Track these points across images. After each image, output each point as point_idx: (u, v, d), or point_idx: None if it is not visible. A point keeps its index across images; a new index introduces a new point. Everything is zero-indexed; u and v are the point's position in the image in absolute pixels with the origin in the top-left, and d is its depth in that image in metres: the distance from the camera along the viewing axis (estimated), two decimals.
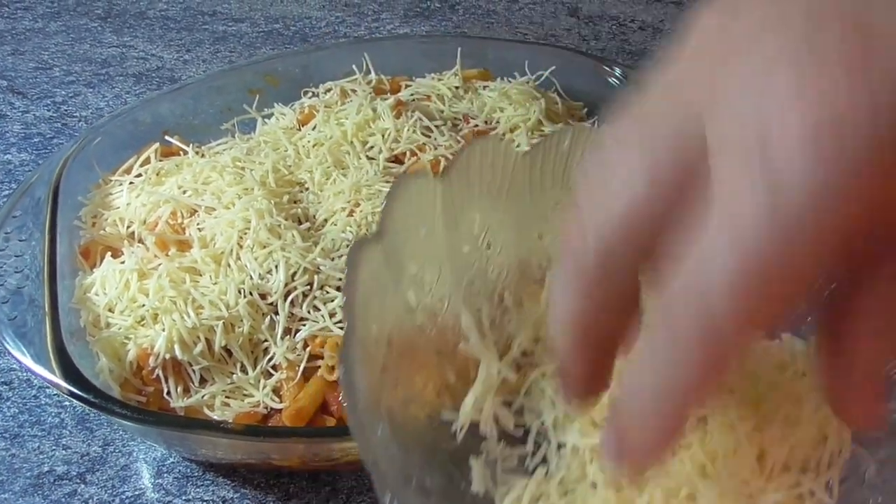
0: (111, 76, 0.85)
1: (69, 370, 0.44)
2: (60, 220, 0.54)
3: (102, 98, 0.82)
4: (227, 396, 0.49)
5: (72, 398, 0.44)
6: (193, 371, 0.49)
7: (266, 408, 0.49)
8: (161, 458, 0.50)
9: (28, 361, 0.45)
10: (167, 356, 0.48)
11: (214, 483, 0.49)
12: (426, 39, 0.84)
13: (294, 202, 0.58)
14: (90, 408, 0.43)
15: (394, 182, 0.33)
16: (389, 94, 0.67)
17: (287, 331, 0.50)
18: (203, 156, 0.62)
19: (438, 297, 0.35)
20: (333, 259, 0.53)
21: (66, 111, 0.80)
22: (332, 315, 0.50)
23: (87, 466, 0.50)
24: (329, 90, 0.68)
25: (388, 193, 0.32)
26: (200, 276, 0.52)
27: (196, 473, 0.49)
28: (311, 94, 0.69)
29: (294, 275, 0.51)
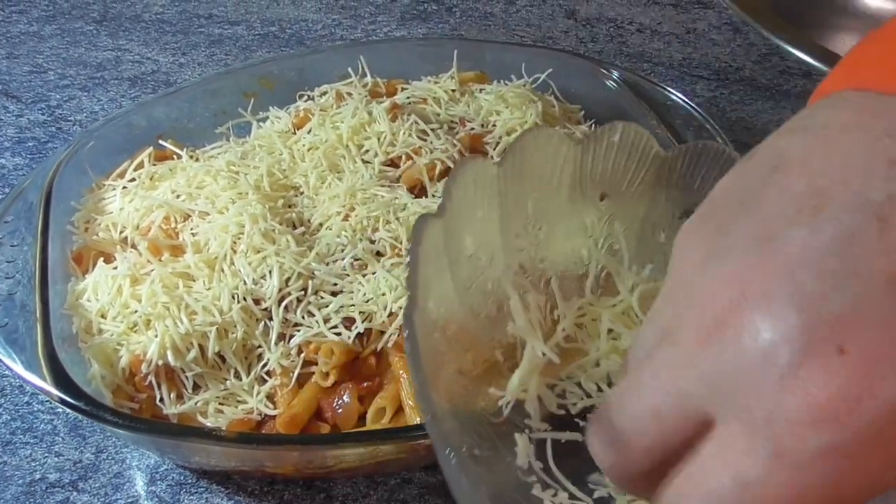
0: (106, 80, 0.85)
1: (60, 377, 0.44)
2: (53, 225, 0.54)
3: (97, 102, 0.81)
4: (221, 403, 0.48)
5: (63, 405, 0.43)
6: (186, 377, 0.48)
7: (260, 414, 0.48)
8: (154, 466, 0.50)
9: (18, 368, 0.44)
10: (160, 362, 0.48)
11: (208, 490, 0.48)
12: (423, 42, 0.84)
13: (289, 206, 0.57)
14: (81, 415, 0.43)
15: (456, 163, 0.34)
16: (385, 98, 0.66)
17: (281, 336, 0.50)
18: (197, 160, 0.61)
19: (491, 279, 0.36)
20: (328, 264, 0.52)
21: (61, 115, 0.79)
22: (327, 320, 0.50)
23: (80, 474, 0.49)
24: (324, 93, 0.68)
25: (450, 175, 0.33)
26: (194, 282, 0.51)
27: (190, 481, 0.49)
28: (307, 98, 0.69)
29: (288, 280, 0.51)
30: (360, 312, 0.50)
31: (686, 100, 0.67)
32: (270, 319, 0.50)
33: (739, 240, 0.25)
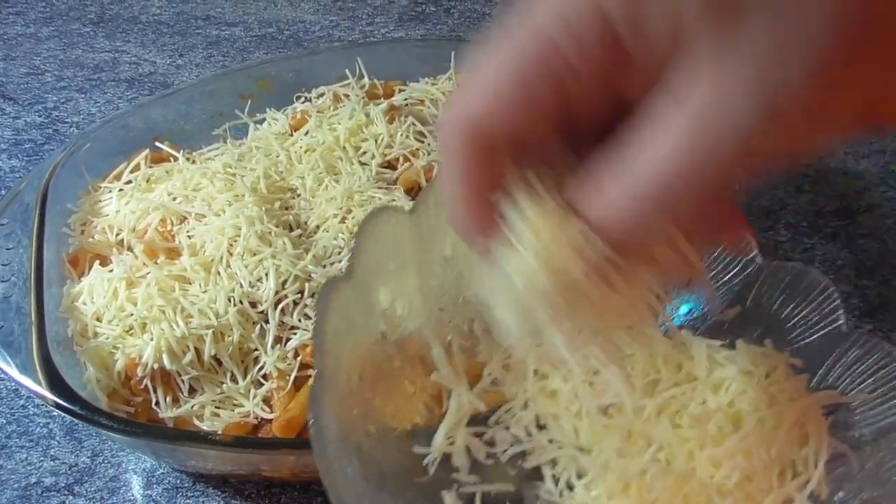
0: (103, 81, 0.85)
1: (55, 380, 0.43)
2: (49, 228, 0.54)
3: (94, 104, 0.81)
4: (217, 406, 0.48)
5: (58, 409, 0.43)
6: (182, 381, 0.48)
7: (256, 418, 0.48)
8: (151, 469, 0.49)
9: (13, 372, 0.44)
10: (156, 366, 0.47)
11: (205, 494, 0.48)
12: (421, 43, 0.84)
13: (286, 209, 0.57)
14: (77, 419, 0.43)
15: (363, 220, 0.33)
16: (383, 99, 0.66)
17: (277, 339, 0.49)
18: (194, 162, 0.61)
19: (409, 328, 0.35)
20: (325, 266, 0.52)
21: (58, 117, 0.79)
22: None
23: (76, 478, 0.49)
24: (322, 95, 0.68)
25: (358, 231, 0.32)
26: (190, 285, 0.51)
27: (186, 484, 0.49)
28: (304, 99, 0.68)
29: (285, 283, 0.50)
30: None
31: None
32: (267, 322, 0.50)
33: None
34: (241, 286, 0.50)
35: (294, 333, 0.49)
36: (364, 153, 0.61)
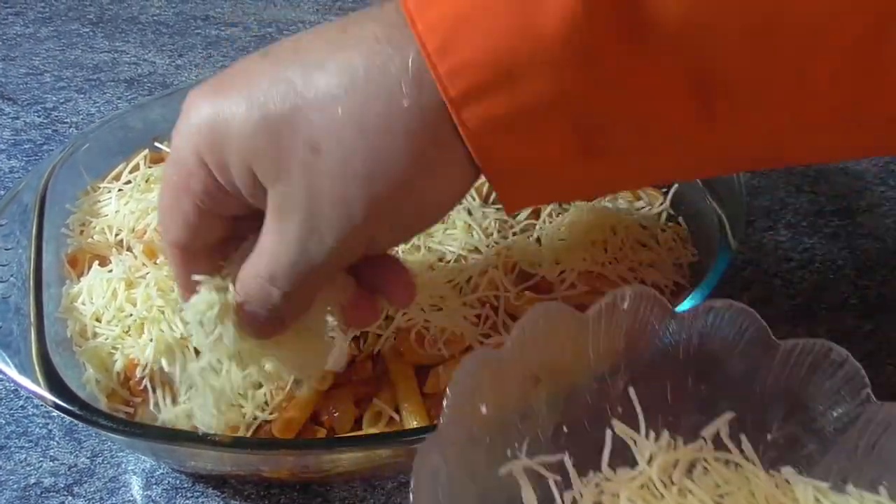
0: (102, 82, 0.85)
1: (54, 381, 0.43)
2: (47, 228, 0.53)
3: (94, 104, 0.81)
4: (217, 407, 0.48)
5: (57, 410, 0.43)
6: (182, 381, 0.48)
7: (255, 418, 0.48)
8: (150, 470, 0.49)
9: (12, 372, 0.44)
10: (155, 366, 0.47)
11: (204, 495, 0.48)
12: None
13: None
14: (76, 420, 0.43)
15: (455, 373, 0.34)
16: None
17: None
18: None
19: (498, 464, 0.36)
20: None
21: (57, 117, 0.79)
22: None
23: (75, 478, 0.49)
24: None
25: (450, 383, 0.34)
26: None
27: (185, 485, 0.49)
28: None
29: None
30: None
31: None
32: None
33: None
34: None
35: None
36: None
